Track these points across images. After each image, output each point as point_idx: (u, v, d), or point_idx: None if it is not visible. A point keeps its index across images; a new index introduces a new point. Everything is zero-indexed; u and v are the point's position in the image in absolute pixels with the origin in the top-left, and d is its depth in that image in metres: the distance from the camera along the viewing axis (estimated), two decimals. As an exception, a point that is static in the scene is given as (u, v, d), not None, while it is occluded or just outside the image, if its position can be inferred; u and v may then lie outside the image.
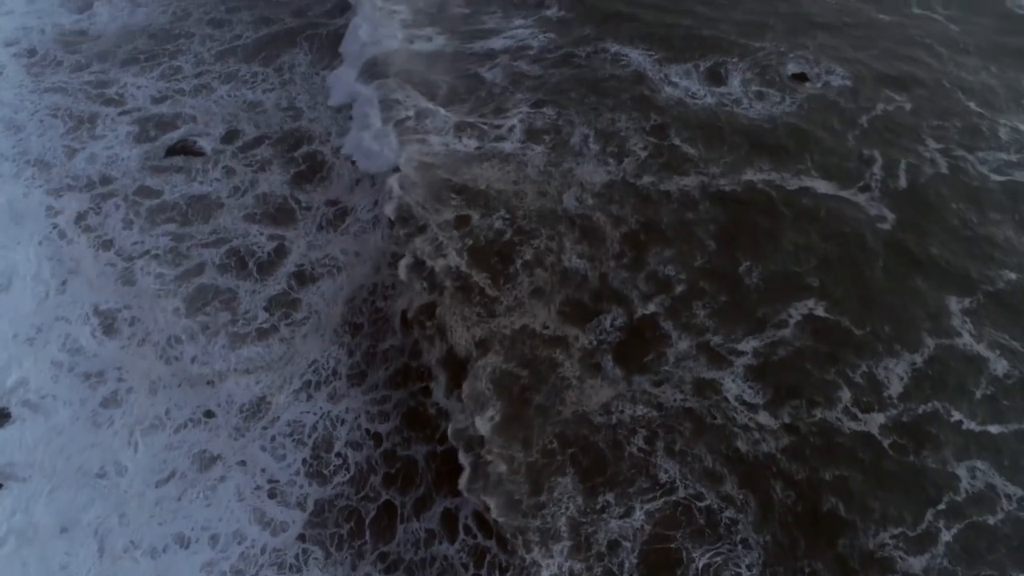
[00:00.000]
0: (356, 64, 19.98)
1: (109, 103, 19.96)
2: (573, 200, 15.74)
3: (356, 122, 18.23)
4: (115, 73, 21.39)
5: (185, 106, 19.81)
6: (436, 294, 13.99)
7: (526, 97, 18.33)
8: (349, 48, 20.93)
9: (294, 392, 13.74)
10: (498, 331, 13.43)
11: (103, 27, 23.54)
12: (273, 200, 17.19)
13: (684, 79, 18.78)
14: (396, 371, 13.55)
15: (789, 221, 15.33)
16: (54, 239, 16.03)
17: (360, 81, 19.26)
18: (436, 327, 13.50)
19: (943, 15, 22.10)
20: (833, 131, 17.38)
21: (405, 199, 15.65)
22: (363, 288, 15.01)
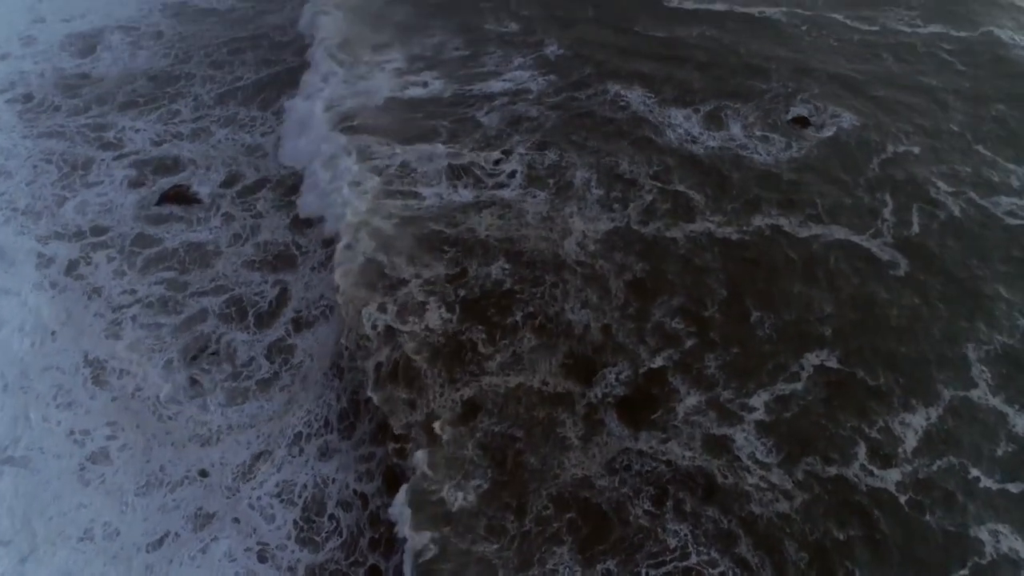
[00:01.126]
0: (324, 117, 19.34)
1: (106, 147, 19.72)
2: (575, 247, 15.36)
3: (307, 182, 17.74)
4: (113, 117, 21.20)
5: (183, 150, 19.56)
6: (415, 353, 13.41)
7: (526, 140, 18.01)
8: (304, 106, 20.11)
9: (287, 447, 13.23)
10: (490, 390, 12.88)
11: (104, 70, 23.43)
12: (274, 247, 16.83)
13: (685, 122, 18.51)
14: (378, 426, 12.87)
15: (800, 269, 14.93)
16: (44, 288, 15.66)
17: (323, 135, 18.68)
18: (417, 389, 12.92)
19: (948, 58, 21.85)
20: (842, 176, 17.06)
21: (354, 265, 15.06)
22: (352, 331, 14.50)
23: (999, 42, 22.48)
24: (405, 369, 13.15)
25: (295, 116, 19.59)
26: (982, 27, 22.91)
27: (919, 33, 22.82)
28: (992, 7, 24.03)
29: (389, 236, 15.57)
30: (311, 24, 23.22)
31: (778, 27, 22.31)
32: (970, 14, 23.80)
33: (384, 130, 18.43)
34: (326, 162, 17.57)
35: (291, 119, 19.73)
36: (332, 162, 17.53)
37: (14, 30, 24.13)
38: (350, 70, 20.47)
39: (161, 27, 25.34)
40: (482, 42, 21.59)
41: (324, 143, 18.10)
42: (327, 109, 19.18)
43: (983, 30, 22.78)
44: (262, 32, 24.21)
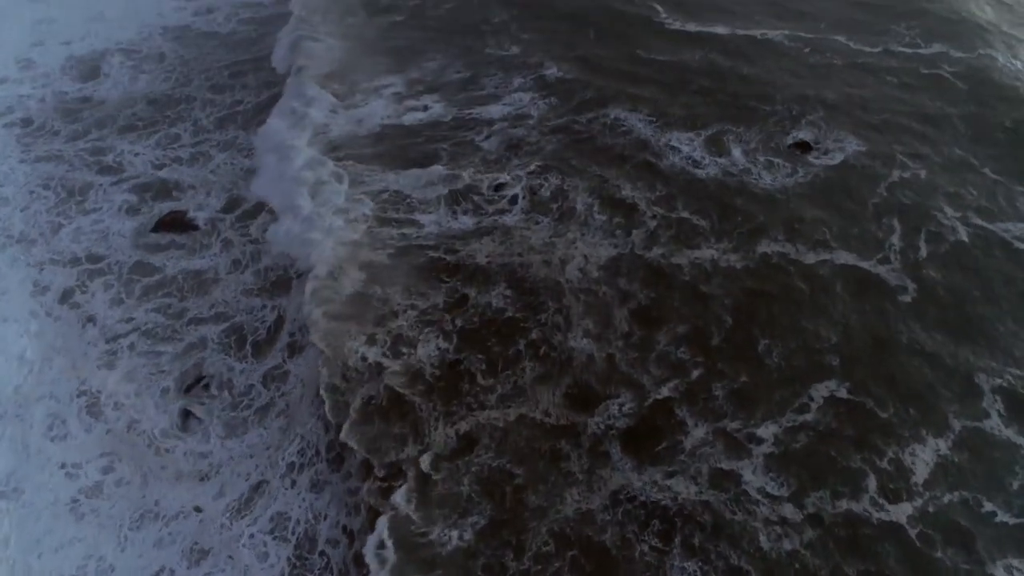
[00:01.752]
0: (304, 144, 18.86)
1: (104, 172, 19.54)
2: (578, 273, 15.14)
3: (282, 213, 17.12)
4: (112, 141, 21.05)
5: (183, 175, 19.40)
6: (408, 387, 13.12)
7: (527, 165, 17.75)
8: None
9: (281, 477, 12.93)
10: (488, 424, 12.57)
11: (105, 94, 23.33)
12: (274, 271, 16.60)
13: (687, 147, 18.29)
14: (362, 461, 12.39)
15: (808, 296, 14.70)
16: (39, 316, 15.43)
17: (303, 163, 18.20)
18: (411, 422, 12.61)
19: (950, 79, 21.70)
20: (848, 201, 16.86)
21: (340, 296, 14.75)
22: (334, 367, 14.14)
23: (995, 65, 22.32)
24: (396, 403, 12.84)
25: (268, 144, 19.10)
26: (979, 49, 22.77)
27: (920, 55, 22.70)
28: (983, 30, 23.86)
29: (383, 266, 15.34)
30: (292, 51, 22.68)
31: (780, 50, 22.19)
32: (967, 34, 23.68)
33: (379, 156, 18.20)
34: (310, 190, 17.15)
35: (264, 147, 19.22)
36: (316, 190, 17.14)
37: (12, 54, 24.04)
38: (344, 98, 20.23)
39: (163, 50, 25.27)
40: (482, 65, 21.40)
41: (306, 171, 17.67)
42: (314, 136, 18.85)
43: (981, 52, 22.63)
44: (264, 55, 24.08)
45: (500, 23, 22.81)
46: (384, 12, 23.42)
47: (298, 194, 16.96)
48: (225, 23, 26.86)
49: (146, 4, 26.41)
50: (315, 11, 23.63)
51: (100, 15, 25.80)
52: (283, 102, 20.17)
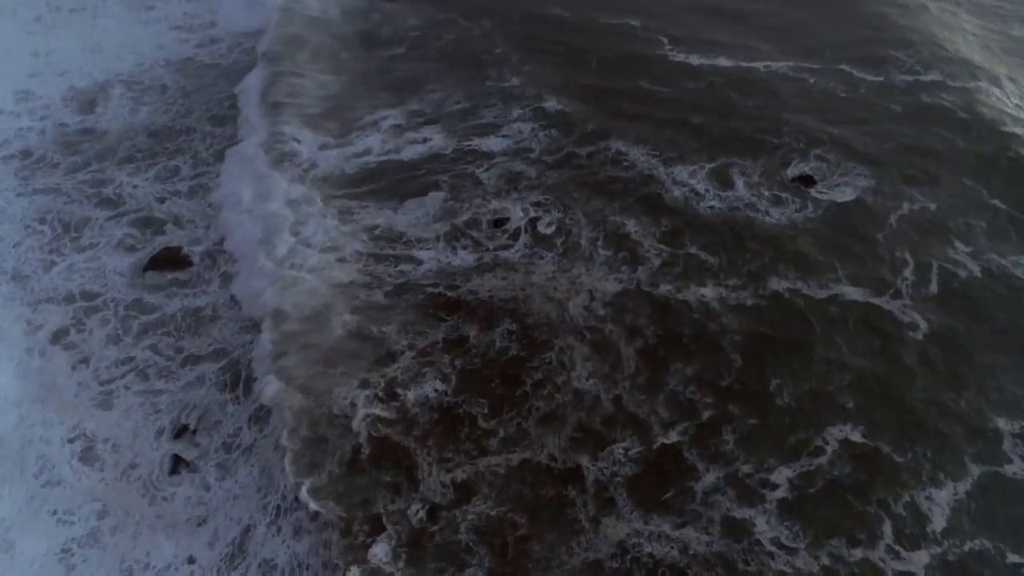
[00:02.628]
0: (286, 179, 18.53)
1: (103, 205, 19.26)
2: (583, 311, 14.80)
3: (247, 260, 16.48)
4: (112, 172, 20.79)
5: (182, 208, 19.13)
6: (404, 433, 12.72)
7: (528, 199, 17.47)
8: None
9: (268, 524, 12.47)
10: (487, 471, 12.16)
11: (106, 125, 23.14)
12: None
13: (691, 180, 17.98)
14: (349, 507, 11.94)
15: (819, 333, 14.34)
16: (32, 355, 15.08)
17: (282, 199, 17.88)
18: (405, 471, 12.18)
19: (950, 107, 21.43)
20: (859, 235, 16.55)
21: (330, 338, 14.35)
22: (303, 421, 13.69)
23: (991, 96, 22.10)
24: (388, 451, 12.42)
25: (237, 182, 18.72)
26: (976, 80, 22.52)
27: (921, 81, 22.50)
28: (971, 64, 23.60)
29: (378, 305, 15.04)
30: (267, 90, 22.12)
31: (785, 81, 22.01)
32: (962, 60, 23.49)
33: (375, 192, 17.90)
34: (283, 230, 16.77)
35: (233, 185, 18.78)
36: (297, 228, 16.82)
37: (10, 86, 23.88)
38: (338, 133, 19.93)
39: (164, 81, 25.09)
40: (483, 96, 21.15)
41: (286, 207, 17.39)
42: (301, 173, 18.52)
43: (975, 84, 22.37)
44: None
45: (502, 54, 22.65)
46: (385, 45, 23.29)
47: (269, 235, 16.60)
48: (228, 54, 26.70)
49: (145, 36, 26.28)
50: (302, 47, 23.38)
51: (98, 46, 25.66)
52: (249, 141, 19.92)
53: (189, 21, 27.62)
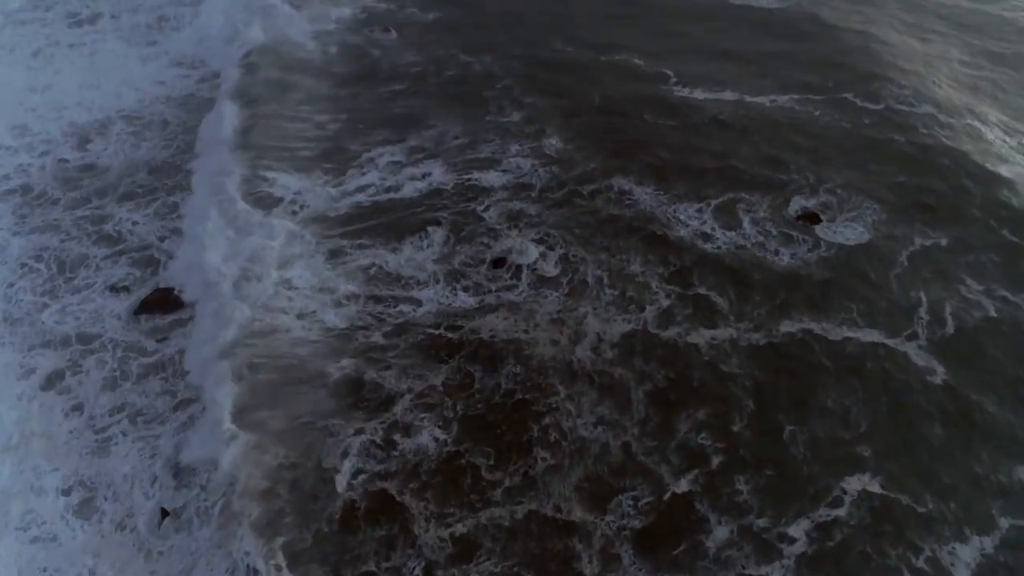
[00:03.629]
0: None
1: (100, 243, 18.98)
2: (590, 353, 14.39)
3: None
4: (111, 209, 20.55)
5: (180, 246, 18.81)
6: (401, 487, 12.20)
7: (530, 237, 17.10)
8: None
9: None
10: (490, 524, 11.64)
11: (107, 161, 22.95)
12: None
13: (697, 218, 17.61)
14: (338, 567, 11.32)
15: (834, 377, 13.91)
16: (24, 401, 14.65)
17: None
18: (401, 525, 11.64)
19: (955, 143, 21.11)
20: (872, 273, 16.17)
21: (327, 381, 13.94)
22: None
23: (989, 129, 21.82)
24: (384, 505, 11.89)
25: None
26: (972, 115, 22.25)
27: (916, 112, 22.21)
28: (964, 100, 23.32)
29: (376, 346, 14.65)
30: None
31: (791, 114, 21.77)
32: (956, 95, 23.26)
33: (371, 230, 17.54)
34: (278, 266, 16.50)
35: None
36: (282, 270, 16.42)
37: (8, 121, 23.72)
38: (334, 172, 19.54)
39: (166, 116, 24.93)
40: (483, 132, 20.83)
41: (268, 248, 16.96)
42: (290, 213, 18.16)
43: (966, 122, 22.07)
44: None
45: (503, 89, 22.47)
46: (384, 82, 23.08)
47: (242, 280, 16.19)
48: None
49: (146, 71, 26.17)
50: (293, 88, 23.19)
51: (98, 82, 25.50)
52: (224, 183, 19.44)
53: (190, 57, 27.56)
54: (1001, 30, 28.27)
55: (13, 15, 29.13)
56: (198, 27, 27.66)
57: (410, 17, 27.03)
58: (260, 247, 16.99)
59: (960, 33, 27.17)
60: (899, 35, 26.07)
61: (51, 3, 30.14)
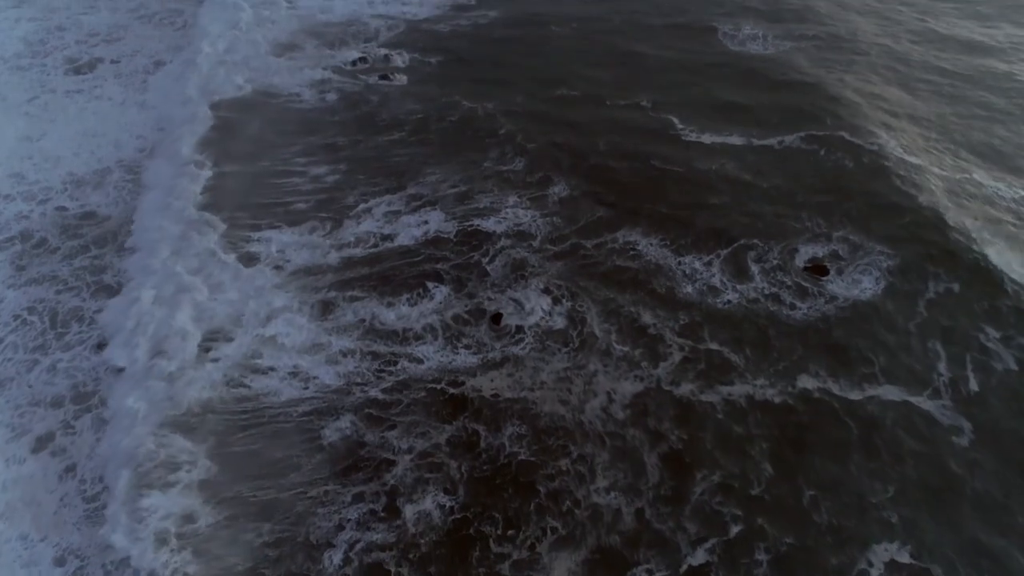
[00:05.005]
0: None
1: (98, 293, 18.57)
2: (600, 412, 13.85)
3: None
4: (110, 259, 20.17)
5: (178, 297, 18.36)
6: (398, 557, 11.62)
7: (533, 288, 16.63)
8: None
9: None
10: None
11: (107, 210, 22.64)
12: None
13: (706, 269, 17.09)
14: None
15: (856, 438, 13.33)
16: (13, 464, 14.09)
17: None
18: None
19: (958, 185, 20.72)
20: (890, 324, 15.64)
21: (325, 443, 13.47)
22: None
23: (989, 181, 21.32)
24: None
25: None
26: (975, 161, 21.84)
27: (912, 162, 21.74)
28: (964, 142, 22.93)
29: (376, 402, 14.16)
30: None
31: (799, 156, 21.34)
32: (958, 137, 22.87)
33: (366, 283, 17.06)
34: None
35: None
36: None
37: (5, 169, 23.45)
38: (326, 225, 18.93)
39: (165, 164, 24.72)
40: (482, 180, 20.37)
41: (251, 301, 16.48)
42: (277, 269, 17.57)
43: (968, 168, 21.62)
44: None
45: (506, 135, 22.14)
46: (384, 130, 22.77)
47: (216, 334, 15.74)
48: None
49: (144, 119, 25.93)
50: (281, 141, 22.69)
51: (94, 131, 25.22)
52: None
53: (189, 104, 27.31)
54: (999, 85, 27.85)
55: (10, 61, 29.02)
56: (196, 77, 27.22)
57: (411, 63, 26.87)
58: (240, 303, 16.51)
59: (947, 85, 26.69)
60: (888, 85, 25.70)
61: (50, 48, 30.06)
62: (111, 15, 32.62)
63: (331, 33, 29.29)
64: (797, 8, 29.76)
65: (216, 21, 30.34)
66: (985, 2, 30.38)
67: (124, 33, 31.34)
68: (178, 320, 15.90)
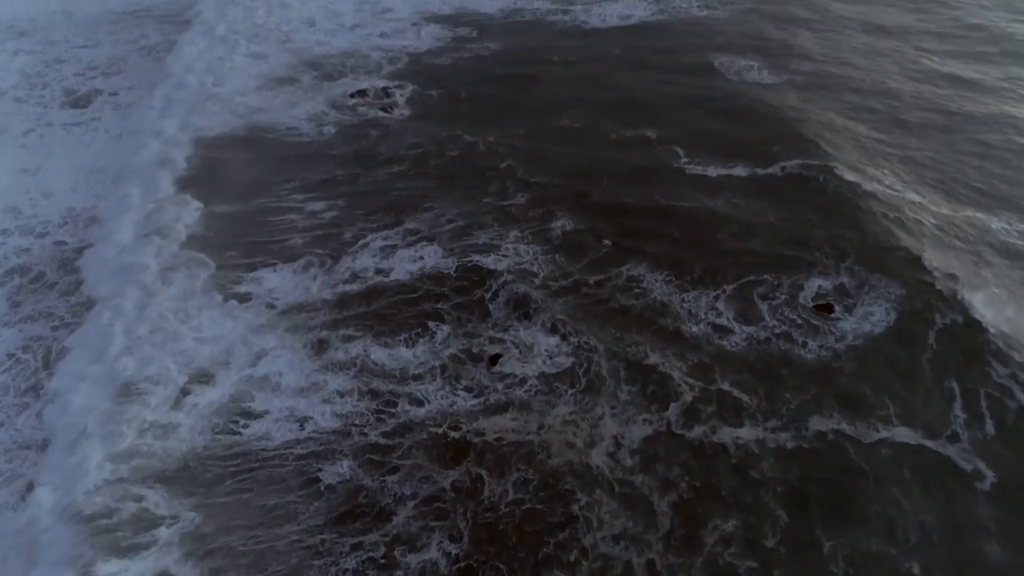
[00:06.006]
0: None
1: (92, 331, 18.19)
2: (607, 458, 13.42)
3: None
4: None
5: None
6: None
7: (536, 328, 16.22)
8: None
9: None
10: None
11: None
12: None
13: (715, 306, 16.64)
14: None
15: (873, 484, 12.89)
16: (4, 513, 13.61)
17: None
18: None
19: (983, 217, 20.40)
20: (902, 361, 15.23)
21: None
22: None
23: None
24: None
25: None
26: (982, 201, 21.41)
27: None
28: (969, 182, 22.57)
29: (374, 446, 13.73)
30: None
31: (807, 187, 20.90)
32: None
33: (362, 321, 16.69)
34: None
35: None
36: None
37: (5, 203, 23.15)
38: (324, 262, 18.50)
39: (163, 198, 24.43)
40: (482, 215, 20.01)
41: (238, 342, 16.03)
42: (270, 307, 17.14)
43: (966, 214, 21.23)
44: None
45: (507, 169, 21.87)
46: (384, 164, 22.50)
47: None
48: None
49: (145, 156, 25.67)
50: (277, 177, 22.27)
51: (91, 165, 24.85)
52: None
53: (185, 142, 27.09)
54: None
55: (8, 93, 28.86)
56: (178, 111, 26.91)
57: (411, 95, 26.73)
58: (229, 343, 16.10)
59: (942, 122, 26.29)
60: (883, 120, 25.37)
61: (48, 80, 29.93)
62: (112, 47, 32.56)
63: (329, 65, 29.14)
64: (792, 44, 29.69)
65: (205, 52, 30.24)
66: (985, 42, 30.27)
67: (124, 65, 31.27)
68: (155, 364, 15.43)
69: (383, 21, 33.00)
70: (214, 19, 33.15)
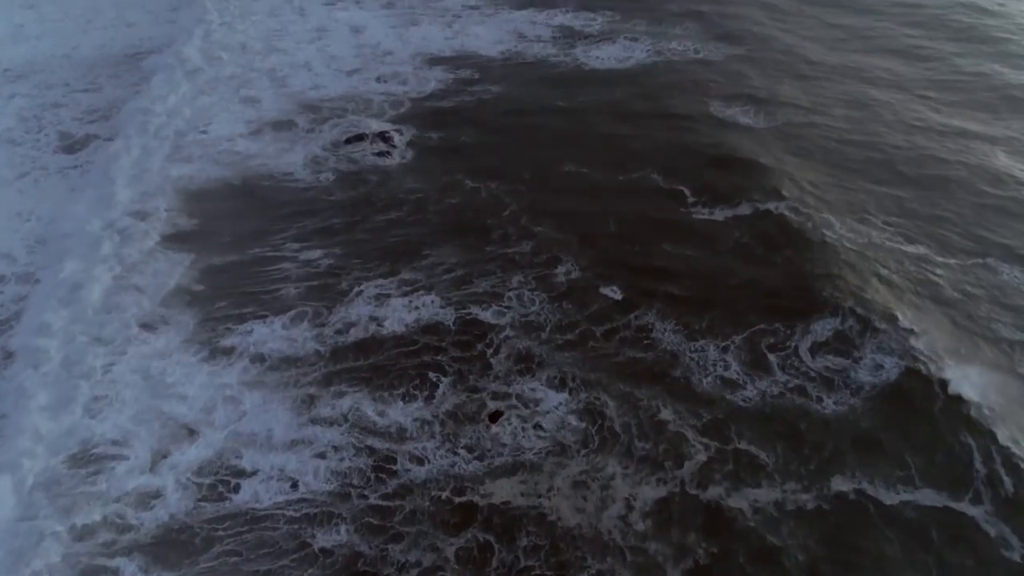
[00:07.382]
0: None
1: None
2: (620, 523, 12.84)
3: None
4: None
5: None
6: None
7: (540, 383, 15.74)
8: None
9: None
10: None
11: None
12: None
13: (726, 358, 16.15)
14: None
15: (898, 549, 12.33)
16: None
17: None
18: None
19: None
20: (920, 417, 14.70)
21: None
22: None
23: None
24: None
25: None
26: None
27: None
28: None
29: (369, 509, 13.16)
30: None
31: (815, 225, 20.54)
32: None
33: (357, 375, 16.19)
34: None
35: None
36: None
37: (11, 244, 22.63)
38: (313, 315, 17.91)
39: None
40: (483, 262, 19.54)
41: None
42: (260, 362, 16.58)
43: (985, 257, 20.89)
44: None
45: (510, 215, 21.53)
46: (383, 210, 22.10)
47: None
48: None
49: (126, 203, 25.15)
50: (272, 224, 21.74)
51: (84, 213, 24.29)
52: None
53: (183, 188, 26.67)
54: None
55: (3, 135, 28.49)
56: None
57: (412, 139, 26.44)
58: (210, 400, 15.53)
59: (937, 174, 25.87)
60: (876, 172, 25.09)
61: (44, 123, 29.58)
62: (113, 91, 32.29)
63: (327, 108, 28.90)
64: (787, 93, 29.51)
65: (189, 96, 29.97)
66: (987, 90, 30.13)
67: (124, 110, 30.92)
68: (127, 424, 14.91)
69: (383, 64, 32.86)
70: (202, 61, 33.10)
